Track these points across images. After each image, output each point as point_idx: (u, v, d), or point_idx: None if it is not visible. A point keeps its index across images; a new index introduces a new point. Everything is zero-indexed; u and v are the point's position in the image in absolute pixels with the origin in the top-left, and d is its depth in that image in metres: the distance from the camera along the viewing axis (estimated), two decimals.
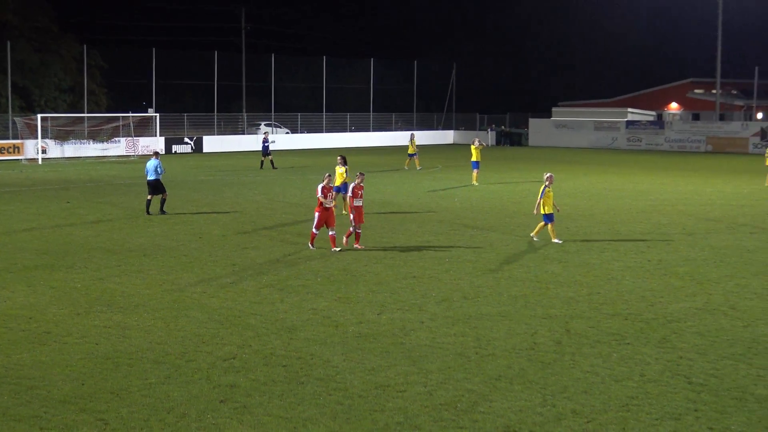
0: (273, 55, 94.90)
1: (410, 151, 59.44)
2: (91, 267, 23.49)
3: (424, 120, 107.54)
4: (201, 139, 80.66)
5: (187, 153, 77.45)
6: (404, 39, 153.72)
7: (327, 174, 26.32)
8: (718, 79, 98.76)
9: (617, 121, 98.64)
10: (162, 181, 35.29)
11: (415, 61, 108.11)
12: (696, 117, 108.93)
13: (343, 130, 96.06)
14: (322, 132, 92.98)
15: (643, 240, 28.61)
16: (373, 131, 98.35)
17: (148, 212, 34.69)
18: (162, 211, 34.77)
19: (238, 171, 57.52)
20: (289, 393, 13.52)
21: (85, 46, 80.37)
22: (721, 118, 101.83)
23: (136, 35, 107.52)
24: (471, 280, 22.15)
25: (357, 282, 21.86)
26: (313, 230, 26.02)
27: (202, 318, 18.16)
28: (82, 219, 33.45)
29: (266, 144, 59.21)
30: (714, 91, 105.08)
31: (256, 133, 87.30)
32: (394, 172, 57.49)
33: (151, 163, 35.01)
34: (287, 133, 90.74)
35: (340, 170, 33.40)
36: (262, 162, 58.69)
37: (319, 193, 25.42)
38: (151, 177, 34.83)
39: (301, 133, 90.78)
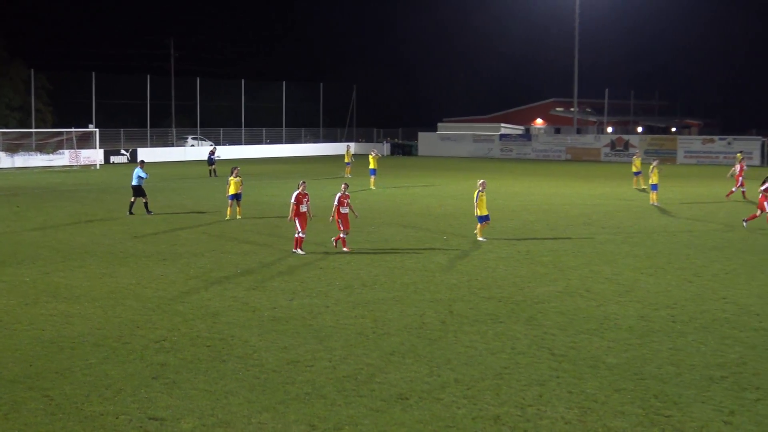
0: (198, 78, 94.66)
1: (346, 160, 60.28)
2: (38, 263, 23.01)
3: (329, 134, 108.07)
4: (135, 150, 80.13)
5: (123, 163, 76.87)
6: (312, 64, 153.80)
7: (302, 182, 25.62)
8: (575, 99, 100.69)
9: (492, 134, 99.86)
10: (143, 187, 35.03)
11: (321, 84, 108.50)
12: (558, 131, 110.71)
13: (260, 142, 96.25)
14: (242, 144, 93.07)
15: (513, 234, 29.03)
16: (285, 144, 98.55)
17: (130, 212, 34.58)
18: (148, 212, 34.66)
19: (168, 179, 56.79)
20: (212, 369, 13.45)
21: (32, 71, 79.05)
22: (578, 131, 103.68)
23: (78, 60, 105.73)
24: (369, 270, 22.22)
25: (272, 273, 21.80)
26: (301, 234, 24.82)
27: (136, 306, 17.95)
28: (31, 221, 32.72)
29: (212, 157, 60.18)
30: (572, 109, 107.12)
31: (183, 146, 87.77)
32: (317, 177, 57.11)
33: (136, 171, 35.06)
34: (211, 145, 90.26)
35: (235, 180, 32.76)
36: (210, 171, 58.75)
37: (293, 200, 24.61)
38: (133, 182, 34.91)
39: (223, 145, 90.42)
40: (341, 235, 25.30)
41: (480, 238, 27.20)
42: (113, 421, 11.19)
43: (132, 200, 35.07)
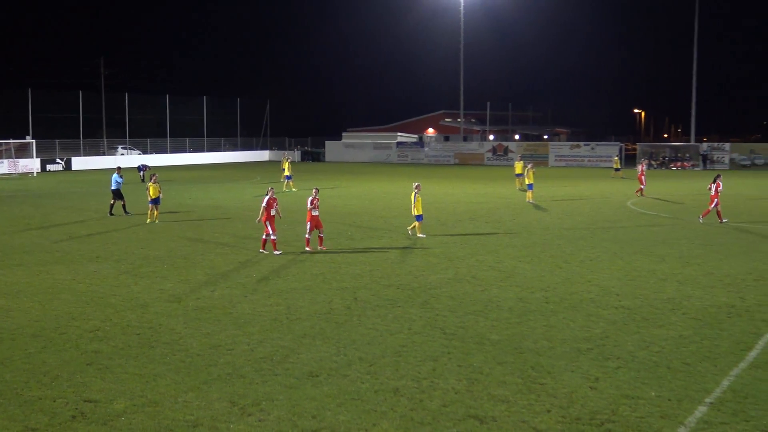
0: (126, 93, 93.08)
1: (287, 172, 56.64)
2: None
3: (246, 143, 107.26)
4: (70, 159, 78.78)
5: (59, 171, 75.43)
6: (231, 80, 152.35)
7: (270, 188, 24.77)
8: (462, 111, 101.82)
9: (390, 142, 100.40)
10: (121, 191, 34.66)
11: (238, 99, 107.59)
12: (447, 138, 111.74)
13: (184, 151, 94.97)
14: (167, 153, 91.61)
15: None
16: (206, 152, 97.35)
17: (111, 213, 34.20)
18: (125, 213, 34.20)
19: (101, 184, 55.50)
20: (142, 355, 13.18)
21: None
22: (465, 139, 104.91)
23: (15, 78, 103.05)
24: (283, 263, 22.07)
25: (195, 267, 21.45)
26: (272, 237, 23.61)
27: (71, 299, 17.46)
28: None
29: (142, 168, 59.46)
30: (459, 120, 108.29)
31: (114, 155, 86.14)
32: (228, 182, 56.71)
33: (114, 177, 34.66)
34: (139, 153, 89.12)
35: (154, 186, 31.85)
36: (140, 176, 57.67)
37: (264, 204, 23.56)
38: (112, 187, 34.45)
39: (150, 154, 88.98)
40: (321, 235, 24.61)
41: (419, 234, 27.10)
42: (51, 404, 10.87)
43: (112, 203, 34.66)
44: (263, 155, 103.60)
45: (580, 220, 32.28)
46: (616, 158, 72.60)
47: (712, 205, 31.03)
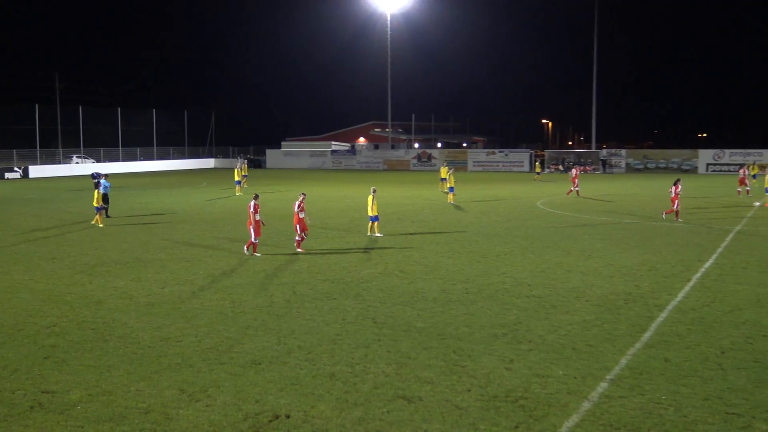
0: (80, 106, 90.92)
1: (236, 178, 56.83)
2: None
3: (193, 152, 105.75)
4: (27, 168, 76.61)
5: (17, 179, 73.25)
6: (179, 94, 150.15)
7: (255, 194, 23.86)
8: (389, 122, 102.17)
9: (325, 150, 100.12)
10: (108, 195, 33.94)
11: (185, 111, 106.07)
12: (376, 147, 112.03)
13: (135, 159, 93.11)
14: (120, 161, 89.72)
15: (343, 229, 29.15)
16: (156, 160, 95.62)
17: (105, 215, 33.09)
18: (106, 215, 33.16)
19: (57, 191, 54.16)
20: (96, 348, 12.88)
21: None
22: (392, 147, 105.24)
23: None
24: (228, 261, 21.80)
25: (146, 266, 21.05)
26: (253, 240, 22.78)
27: (29, 298, 16.95)
28: None
29: (96, 176, 56.68)
30: (387, 130, 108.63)
31: (69, 163, 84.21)
32: (176, 188, 55.80)
33: (102, 182, 33.87)
34: (93, 162, 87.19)
35: (97, 195, 30.97)
36: (95, 183, 55.53)
37: (251, 209, 22.71)
38: (102, 191, 33.05)
39: (103, 162, 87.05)
40: (303, 236, 23.74)
41: (377, 234, 26.83)
42: (10, 396, 10.55)
43: (105, 206, 33.74)
44: (209, 163, 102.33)
45: (496, 219, 32.65)
46: (538, 164, 73.75)
47: (675, 205, 31.84)
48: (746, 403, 10.17)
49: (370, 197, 26.86)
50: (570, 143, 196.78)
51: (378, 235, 26.90)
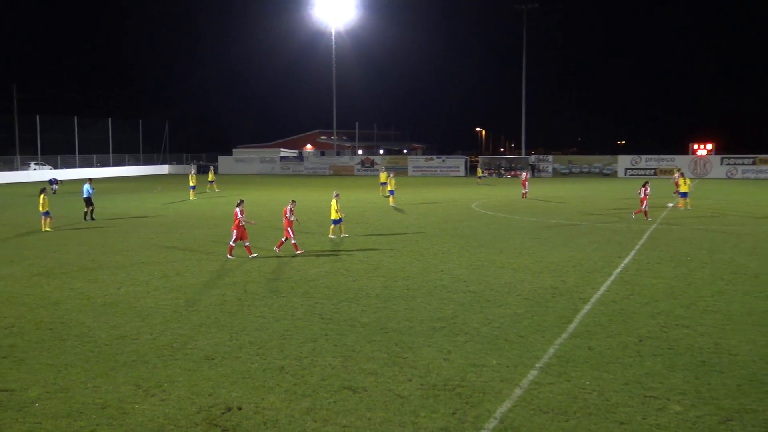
0: (38, 115, 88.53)
1: (210, 179, 57.17)
2: None
3: (148, 159, 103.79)
4: None
5: None
6: (134, 102, 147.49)
7: (240, 199, 22.90)
8: (335, 130, 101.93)
9: (274, 157, 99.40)
10: (92, 199, 34.31)
11: (140, 120, 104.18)
12: (323, 153, 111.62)
13: (91, 166, 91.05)
14: (76, 168, 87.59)
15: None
16: (112, 167, 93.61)
17: (85, 219, 33.61)
18: (91, 218, 33.57)
19: (15, 196, 52.62)
20: (54, 347, 12.52)
21: None
22: (338, 154, 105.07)
23: None
24: (182, 262, 21.46)
25: (102, 268, 20.57)
26: (231, 243, 21.97)
27: None
28: None
29: (53, 182, 55.46)
30: (333, 137, 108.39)
31: (27, 170, 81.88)
32: (131, 193, 54.68)
33: (85, 186, 34.26)
34: (50, 168, 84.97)
35: (44, 199, 29.92)
36: (53, 190, 53.80)
37: (239, 214, 21.93)
38: (84, 195, 33.96)
39: (61, 169, 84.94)
40: (284, 240, 22.97)
41: (343, 235, 26.65)
42: None
43: (85, 210, 34.09)
44: (163, 169, 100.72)
45: (434, 220, 32.83)
46: (480, 169, 74.43)
47: (643, 206, 32.55)
48: (662, 386, 10.41)
49: (334, 201, 26.67)
50: (502, 149, 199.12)
51: (344, 235, 26.76)
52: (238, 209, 22.08)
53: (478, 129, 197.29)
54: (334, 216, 26.54)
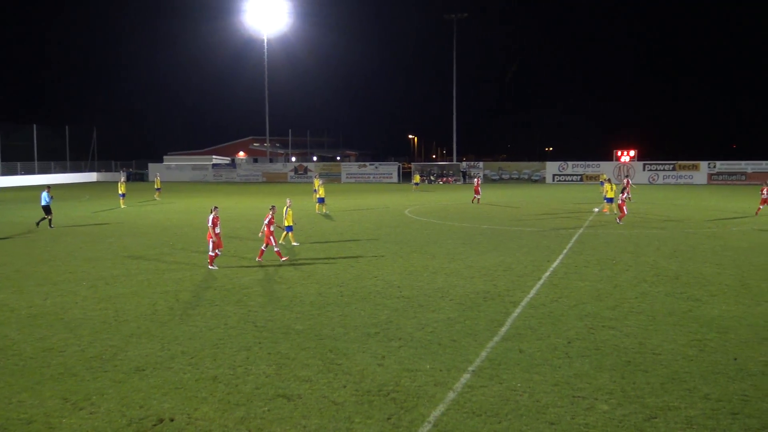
0: None
1: (157, 185, 56.19)
2: None
3: (75, 166, 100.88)
4: None
5: None
6: (60, 109, 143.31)
7: (214, 206, 21.96)
8: (268, 137, 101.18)
9: (207, 164, 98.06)
10: (50, 207, 33.56)
11: (67, 126, 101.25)
12: (256, 160, 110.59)
13: (15, 173, 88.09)
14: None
15: (225, 236, 28.47)
16: (37, 174, 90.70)
17: (46, 225, 33.23)
18: (50, 227, 32.96)
19: None
20: None
21: None
22: (271, 161, 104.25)
23: None
24: (111, 271, 20.90)
25: (28, 279, 19.85)
26: (211, 253, 21.09)
27: None
28: None
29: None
30: (266, 144, 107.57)
31: None
32: (66, 201, 52.98)
33: (43, 194, 33.66)
34: None
35: None
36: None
37: (210, 223, 21.06)
38: (42, 203, 33.39)
39: None
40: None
41: (293, 243, 26.18)
42: None
43: (43, 218, 33.68)
44: (91, 177, 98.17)
45: (368, 227, 32.87)
46: (417, 175, 74.76)
47: (625, 210, 34.19)
48: (589, 386, 10.66)
49: (285, 208, 26.29)
50: (434, 156, 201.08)
51: (294, 244, 26.39)
52: (211, 216, 21.23)
53: (410, 136, 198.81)
54: (288, 223, 26.13)
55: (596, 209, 41.30)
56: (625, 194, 44.25)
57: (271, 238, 22.25)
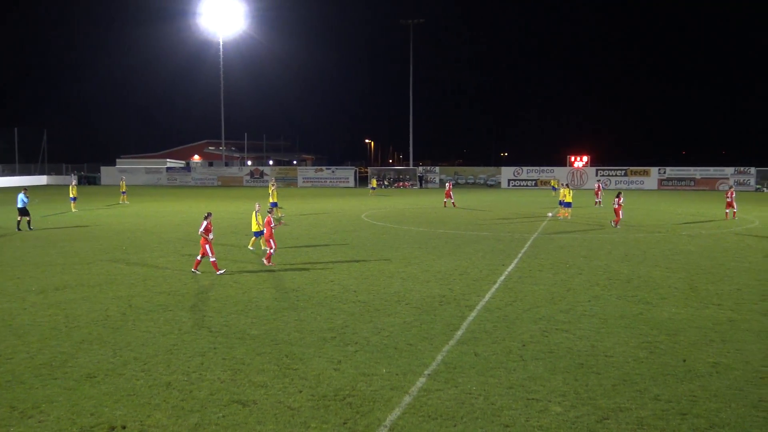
0: None
1: (122, 189, 55.21)
2: None
3: (24, 169, 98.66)
4: None
5: None
6: (7, 111, 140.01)
7: (208, 213, 21.20)
8: (223, 140, 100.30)
9: (161, 167, 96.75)
10: (27, 208, 33.48)
11: (15, 128, 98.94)
12: (211, 164, 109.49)
13: None
14: None
15: (179, 242, 28.17)
16: None
17: (18, 228, 33.13)
18: (30, 228, 33.11)
19: None
20: None
21: None
22: (226, 164, 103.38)
23: None
24: (61, 276, 20.45)
25: None
26: (213, 258, 20.57)
27: None
28: None
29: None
30: (221, 148, 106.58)
31: None
32: (5, 205, 51.78)
33: (20, 196, 33.48)
34: None
35: None
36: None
37: (202, 229, 20.36)
38: (19, 205, 33.30)
39: None
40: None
41: (259, 248, 25.48)
42: None
43: (18, 219, 33.47)
44: (41, 180, 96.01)
45: (324, 231, 32.78)
46: (374, 179, 74.77)
47: (621, 215, 34.60)
48: (543, 389, 10.78)
49: (254, 213, 25.82)
50: (391, 161, 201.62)
51: (251, 248, 25.95)
52: (205, 224, 20.61)
53: (367, 140, 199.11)
54: (255, 228, 25.75)
55: (550, 214, 41.86)
56: (599, 198, 45.36)
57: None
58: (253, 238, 26.11)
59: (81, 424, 9.39)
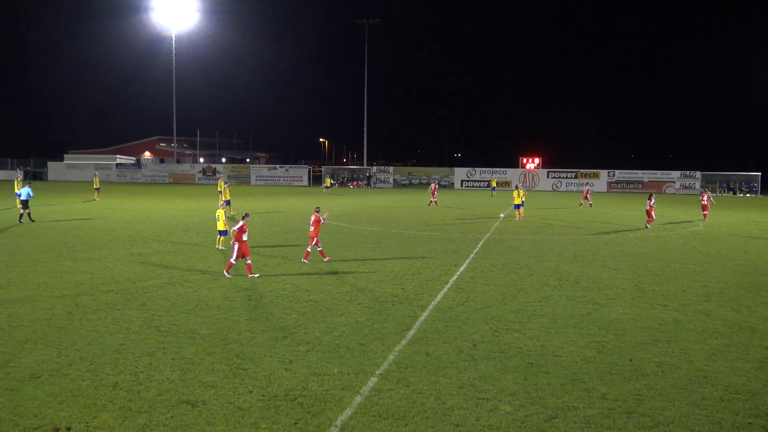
0: None
1: (96, 185, 54.31)
2: None
3: None
4: None
5: None
6: None
7: (245, 213, 20.37)
8: (175, 137, 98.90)
9: (110, 163, 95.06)
10: (28, 201, 34.41)
11: None
12: (162, 161, 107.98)
13: None
14: None
15: (128, 240, 27.66)
16: None
17: (20, 221, 33.97)
18: (30, 220, 34.13)
19: None
20: None
21: None
22: (178, 161, 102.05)
23: None
24: (4, 274, 19.88)
25: None
26: (232, 260, 19.75)
27: None
28: None
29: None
30: (173, 145, 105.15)
31: None
32: None
33: (24, 189, 34.59)
34: None
35: None
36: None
37: (236, 227, 19.51)
38: (23, 198, 34.28)
39: None
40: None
41: (228, 247, 24.60)
42: None
43: (21, 212, 34.51)
44: None
45: (276, 230, 32.57)
46: (329, 178, 74.46)
47: (654, 216, 36.01)
48: (493, 388, 10.88)
49: (221, 211, 25.18)
50: (345, 160, 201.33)
51: (220, 248, 25.40)
52: (242, 222, 19.76)
53: (321, 139, 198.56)
54: (221, 227, 25.29)
55: (502, 215, 42.27)
56: (585, 201, 46.50)
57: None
58: (219, 237, 25.74)
59: (24, 425, 9.15)
